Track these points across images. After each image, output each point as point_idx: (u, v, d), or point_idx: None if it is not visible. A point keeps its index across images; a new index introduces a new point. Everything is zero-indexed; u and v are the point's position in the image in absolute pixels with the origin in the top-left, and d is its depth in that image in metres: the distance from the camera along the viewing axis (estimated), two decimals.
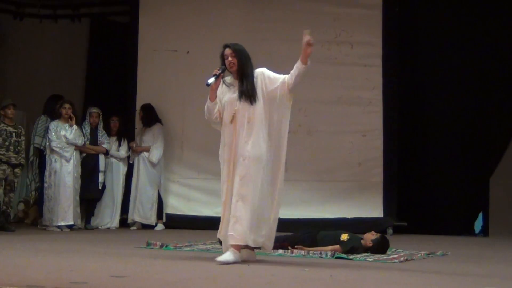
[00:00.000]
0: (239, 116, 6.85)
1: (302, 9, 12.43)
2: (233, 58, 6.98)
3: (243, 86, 6.91)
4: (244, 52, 7.08)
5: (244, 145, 6.80)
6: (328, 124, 12.26)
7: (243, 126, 6.84)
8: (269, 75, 7.03)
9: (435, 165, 12.29)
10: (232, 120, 6.88)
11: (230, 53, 7.00)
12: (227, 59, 7.00)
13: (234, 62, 6.97)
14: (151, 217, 12.13)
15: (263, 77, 7.00)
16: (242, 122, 6.84)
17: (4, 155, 10.70)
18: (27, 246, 8.38)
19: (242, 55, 7.04)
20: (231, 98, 6.95)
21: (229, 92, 7.01)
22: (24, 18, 14.21)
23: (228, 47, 7.05)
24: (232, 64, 6.98)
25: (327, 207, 12.00)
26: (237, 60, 6.97)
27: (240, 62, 6.97)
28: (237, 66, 6.98)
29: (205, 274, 5.91)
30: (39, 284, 4.97)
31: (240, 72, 6.99)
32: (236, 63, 6.97)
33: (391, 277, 6.18)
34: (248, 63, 7.03)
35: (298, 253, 7.94)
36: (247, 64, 7.01)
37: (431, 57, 12.43)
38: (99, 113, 12.07)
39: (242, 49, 7.08)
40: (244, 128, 6.83)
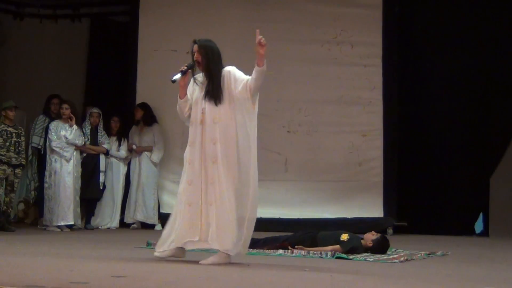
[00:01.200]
0: (207, 116, 6.66)
1: (303, 9, 12.44)
2: (198, 55, 6.77)
3: (209, 85, 6.71)
4: (212, 49, 6.84)
5: (212, 147, 6.61)
6: (328, 124, 12.26)
7: (210, 126, 6.64)
8: (235, 75, 6.74)
9: (436, 165, 12.29)
10: (202, 118, 6.68)
11: (197, 50, 6.80)
12: (194, 55, 6.81)
13: (200, 59, 6.77)
14: (154, 217, 12.15)
15: (229, 76, 6.73)
16: (210, 122, 6.65)
17: (4, 155, 10.70)
18: (27, 246, 8.37)
19: (209, 52, 6.80)
20: (198, 97, 6.76)
21: (198, 91, 6.81)
22: (24, 18, 14.22)
23: (195, 43, 6.87)
24: (197, 62, 6.78)
25: (327, 207, 12.00)
26: (202, 57, 6.76)
27: (206, 60, 6.75)
28: (203, 63, 6.77)
29: (206, 274, 5.91)
30: (39, 284, 4.97)
31: (206, 70, 6.78)
32: (201, 60, 6.77)
33: (391, 277, 6.18)
34: (216, 61, 6.79)
35: (298, 253, 7.94)
36: (214, 62, 6.78)
37: (431, 57, 12.44)
38: (99, 113, 12.07)
39: (210, 46, 6.85)
40: (211, 128, 6.63)
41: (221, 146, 6.60)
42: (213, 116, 6.65)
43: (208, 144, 6.63)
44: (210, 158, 6.61)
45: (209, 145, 6.63)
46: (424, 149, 12.39)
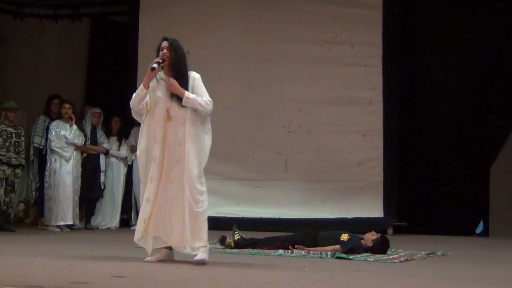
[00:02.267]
0: (173, 115, 6.68)
1: (303, 9, 12.44)
2: (168, 53, 6.79)
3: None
4: (180, 49, 6.89)
5: (178, 147, 6.62)
6: (328, 124, 12.26)
7: (176, 127, 6.66)
8: (198, 85, 6.80)
9: (435, 165, 12.29)
10: (167, 117, 6.68)
11: (167, 46, 6.83)
12: (162, 50, 6.82)
13: (169, 55, 6.78)
14: None
15: (194, 83, 6.78)
16: (176, 123, 6.66)
17: (4, 155, 10.71)
18: (28, 246, 8.38)
19: (179, 51, 6.86)
20: (164, 95, 6.75)
21: (160, 88, 6.81)
22: (25, 18, 14.20)
23: (166, 40, 6.90)
24: (166, 57, 6.78)
25: (327, 207, 12.00)
26: (172, 54, 6.80)
27: (175, 58, 6.80)
28: (171, 60, 6.80)
29: (206, 274, 5.91)
30: (40, 284, 4.98)
31: (173, 68, 6.80)
32: (170, 57, 6.79)
33: (391, 277, 6.18)
34: (183, 62, 6.86)
35: (298, 253, 7.94)
36: (184, 63, 6.85)
37: (431, 57, 12.43)
38: (101, 113, 12.09)
39: (179, 46, 6.90)
40: (178, 129, 6.65)
41: (187, 147, 6.63)
42: (180, 117, 6.67)
43: (174, 144, 6.66)
44: (175, 158, 6.64)
45: (174, 145, 6.65)
46: (424, 149, 12.39)
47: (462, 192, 12.19)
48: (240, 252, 8.02)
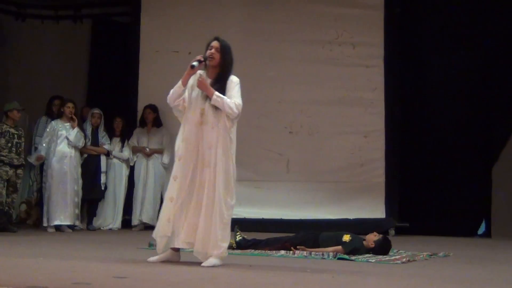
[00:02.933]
0: (207, 117, 6.61)
1: (304, 10, 12.44)
2: (216, 53, 6.73)
3: (214, 88, 6.66)
4: (230, 53, 6.82)
5: (208, 151, 6.55)
6: (329, 125, 12.26)
7: (209, 131, 6.59)
8: (233, 88, 6.70)
9: (437, 166, 12.27)
10: (201, 119, 6.63)
11: (216, 47, 6.76)
12: (210, 50, 6.76)
13: (216, 57, 6.72)
14: (154, 218, 12.11)
15: (229, 85, 6.70)
16: (208, 126, 6.59)
17: (6, 156, 10.71)
18: (29, 247, 8.39)
19: (227, 55, 6.79)
20: (200, 96, 6.70)
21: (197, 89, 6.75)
22: (26, 19, 14.22)
23: (217, 40, 6.84)
24: (211, 58, 6.72)
25: (329, 208, 11.99)
26: (220, 56, 6.74)
27: (222, 60, 6.74)
28: (217, 62, 6.74)
29: (208, 275, 5.91)
30: (42, 285, 4.98)
31: (218, 70, 6.76)
32: (217, 59, 6.73)
33: (393, 278, 6.18)
34: (229, 66, 6.79)
35: (300, 254, 7.94)
36: (228, 66, 6.78)
37: (432, 58, 12.43)
38: (101, 114, 12.09)
39: (229, 49, 6.82)
40: (209, 133, 6.58)
41: (217, 151, 6.56)
42: (213, 120, 6.60)
43: (204, 148, 6.58)
44: (205, 163, 6.56)
45: (204, 149, 6.58)
46: (425, 150, 12.38)
47: (464, 193, 12.18)
48: (242, 253, 8.02)
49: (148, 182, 12.18)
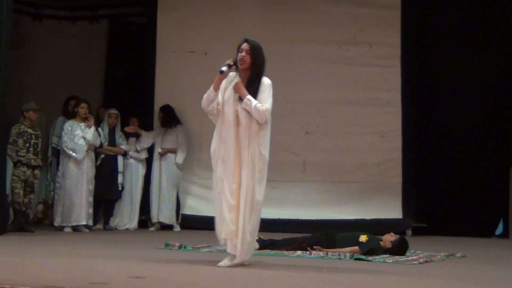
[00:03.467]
0: (241, 119, 6.63)
1: (320, 10, 12.43)
2: (247, 56, 6.72)
3: (247, 90, 6.66)
4: (261, 53, 6.80)
5: (243, 152, 6.59)
6: (346, 124, 12.24)
7: (244, 132, 6.62)
8: (264, 91, 6.72)
9: (454, 165, 12.22)
10: (235, 121, 6.64)
11: (246, 49, 6.74)
12: (241, 53, 6.73)
13: (247, 60, 6.71)
14: (172, 218, 12.14)
15: (261, 88, 6.71)
16: (243, 128, 6.61)
17: (24, 156, 10.75)
18: (46, 247, 8.41)
19: (258, 56, 6.77)
20: (232, 97, 6.70)
21: (231, 91, 6.73)
22: (43, 19, 14.28)
23: (246, 42, 6.81)
24: (242, 61, 6.70)
25: (345, 208, 11.97)
26: (250, 58, 6.72)
27: (253, 63, 6.73)
28: (249, 65, 6.72)
29: (224, 275, 5.91)
30: (58, 284, 4.99)
31: (249, 73, 6.74)
32: (248, 61, 6.71)
33: (410, 279, 6.16)
34: (261, 67, 6.77)
35: (316, 254, 7.92)
36: (259, 68, 6.76)
37: (449, 57, 12.37)
38: (117, 115, 12.11)
39: (260, 50, 6.81)
40: (244, 134, 6.61)
41: (250, 153, 6.59)
42: (246, 122, 6.62)
43: (243, 149, 6.61)
44: (243, 163, 6.59)
45: (243, 150, 6.61)
46: (442, 150, 12.33)
47: (482, 193, 12.13)
48: (259, 253, 7.99)
49: (162, 182, 12.19)
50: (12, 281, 5.02)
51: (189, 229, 11.97)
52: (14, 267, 6.25)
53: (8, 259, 7.00)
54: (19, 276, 5.54)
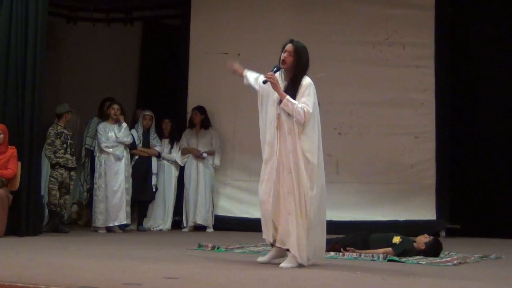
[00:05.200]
0: (282, 121, 6.60)
1: (354, 11, 12.40)
2: (289, 57, 6.69)
3: (288, 92, 6.61)
4: (304, 54, 6.74)
5: (286, 156, 6.53)
6: (379, 126, 12.20)
7: (285, 136, 6.57)
8: (303, 92, 6.61)
9: (489, 166, 12.13)
10: (277, 123, 6.62)
11: (290, 51, 6.70)
12: (284, 53, 6.71)
13: (288, 61, 6.68)
14: (208, 219, 12.16)
15: (301, 88, 6.63)
16: (284, 131, 6.57)
17: (62, 158, 10.84)
18: (81, 247, 8.47)
19: (302, 57, 6.71)
20: (275, 99, 6.67)
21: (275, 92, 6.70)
22: (78, 22, 14.37)
23: (291, 43, 6.76)
24: (283, 62, 6.69)
25: (378, 209, 11.93)
26: (293, 60, 6.68)
27: (296, 64, 6.68)
28: (290, 65, 6.69)
29: (257, 276, 5.91)
30: (93, 285, 5.02)
31: (292, 73, 6.71)
32: (289, 62, 6.68)
33: (444, 280, 6.13)
34: (303, 69, 6.70)
35: (349, 255, 7.91)
36: (301, 69, 6.70)
37: (484, 58, 12.28)
38: (152, 116, 12.17)
39: (303, 51, 6.74)
40: (286, 138, 6.55)
41: (293, 158, 6.52)
42: (287, 126, 6.57)
43: (285, 153, 6.56)
44: (286, 168, 6.55)
45: (285, 153, 6.56)
46: (477, 151, 12.23)
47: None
48: None
49: (199, 183, 12.21)
50: (47, 281, 5.07)
51: (221, 230, 12.00)
52: (49, 267, 6.30)
53: (43, 259, 7.06)
54: (54, 276, 5.58)
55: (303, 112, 6.49)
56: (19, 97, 9.91)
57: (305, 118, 6.51)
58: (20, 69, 9.94)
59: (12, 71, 9.94)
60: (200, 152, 12.17)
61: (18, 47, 9.97)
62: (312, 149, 6.55)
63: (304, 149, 6.52)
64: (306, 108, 6.51)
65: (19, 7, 10.00)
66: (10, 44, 9.99)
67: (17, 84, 9.91)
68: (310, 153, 6.53)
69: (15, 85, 9.91)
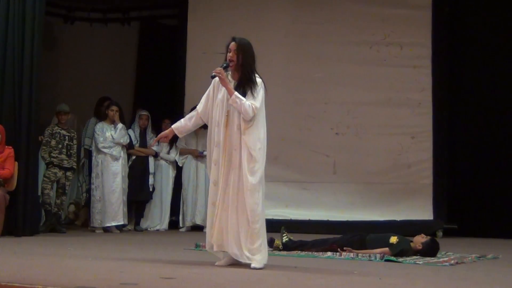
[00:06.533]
0: (230, 120, 6.55)
1: (351, 11, 12.41)
2: (234, 55, 6.62)
3: (237, 90, 6.56)
4: (249, 50, 6.67)
5: (234, 153, 6.46)
6: (376, 126, 12.21)
7: (233, 132, 6.50)
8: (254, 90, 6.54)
9: (486, 166, 12.14)
10: (226, 121, 6.56)
11: (234, 49, 6.64)
12: (229, 52, 6.65)
13: (234, 59, 6.62)
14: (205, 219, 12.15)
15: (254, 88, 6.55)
16: (233, 127, 6.51)
17: (56, 158, 10.84)
18: (78, 248, 8.46)
19: (246, 54, 6.64)
20: (226, 97, 6.62)
21: (222, 90, 6.69)
22: (75, 21, 14.37)
23: (234, 41, 6.71)
24: (231, 61, 6.63)
25: (376, 209, 11.94)
26: (237, 57, 6.61)
27: (242, 61, 6.61)
28: (237, 64, 6.63)
29: (253, 277, 5.91)
30: (90, 285, 5.02)
31: (240, 72, 6.64)
32: (235, 60, 6.62)
33: (441, 280, 6.13)
34: (251, 66, 6.63)
35: (347, 255, 7.91)
36: (248, 66, 6.62)
37: (481, 58, 12.29)
38: (148, 116, 12.16)
39: (248, 47, 6.68)
40: (234, 134, 6.49)
41: (242, 153, 6.47)
42: (237, 122, 6.52)
43: (230, 150, 6.51)
44: (232, 165, 6.48)
45: (231, 150, 6.51)
46: (474, 151, 12.25)
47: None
48: (288, 254, 8.02)
49: (199, 184, 12.20)
50: (44, 281, 5.07)
51: None
52: (46, 267, 6.30)
53: (40, 259, 7.06)
54: (51, 276, 5.59)
55: (251, 109, 6.45)
56: (16, 97, 9.90)
57: (252, 115, 6.46)
58: (17, 68, 9.94)
59: (9, 71, 9.93)
60: (200, 152, 12.17)
61: (15, 46, 9.96)
62: (256, 145, 6.48)
63: (249, 146, 6.45)
64: (254, 105, 6.47)
65: (16, 7, 10.00)
66: (7, 43, 9.98)
67: (14, 84, 9.91)
68: (255, 151, 6.45)
69: (12, 84, 9.91)
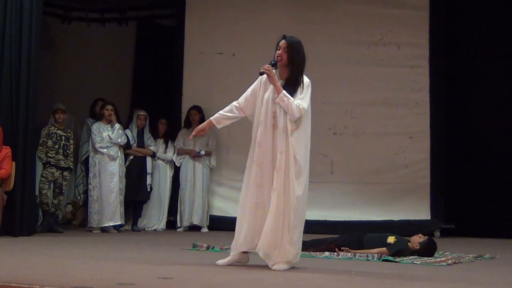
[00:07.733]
0: (278, 121, 6.41)
1: (349, 11, 12.42)
2: (284, 53, 6.52)
3: (285, 89, 6.44)
4: (299, 50, 6.57)
5: (279, 156, 6.33)
6: (374, 125, 12.21)
7: (281, 134, 6.37)
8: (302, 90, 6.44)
9: (483, 166, 12.16)
10: (273, 122, 6.43)
11: (284, 47, 6.54)
12: (278, 50, 6.55)
13: (284, 58, 6.51)
14: (203, 219, 12.16)
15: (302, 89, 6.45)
16: (281, 129, 6.38)
17: (53, 158, 10.85)
18: (75, 248, 8.45)
19: (297, 53, 6.54)
20: (269, 97, 6.50)
21: (270, 90, 6.53)
22: (72, 21, 14.36)
23: (284, 39, 6.63)
24: (279, 58, 6.52)
25: (373, 209, 11.95)
26: (288, 56, 6.52)
27: (291, 60, 6.51)
28: (285, 63, 6.53)
29: (252, 276, 5.91)
30: (87, 285, 5.02)
31: (288, 71, 6.54)
32: (285, 59, 6.52)
33: (438, 280, 6.13)
34: (300, 65, 6.52)
35: (344, 255, 7.91)
36: (298, 65, 6.52)
37: (478, 58, 12.31)
38: (146, 116, 12.15)
39: (298, 46, 6.59)
40: (281, 136, 6.36)
41: (287, 156, 6.33)
42: (283, 124, 6.38)
43: (276, 152, 6.37)
44: (277, 167, 6.35)
45: (276, 153, 6.37)
46: (471, 151, 12.26)
47: (510, 194, 12.02)
48: None
49: (196, 184, 12.20)
50: (41, 281, 5.06)
51: (216, 230, 11.98)
52: (43, 267, 6.30)
53: (38, 259, 7.05)
54: (48, 276, 5.58)
55: (297, 109, 6.34)
56: (14, 97, 9.90)
57: (299, 116, 6.36)
58: (14, 69, 9.93)
59: (6, 71, 9.93)
60: (197, 151, 12.16)
61: (12, 46, 9.96)
62: (301, 149, 6.39)
63: (295, 149, 6.36)
64: (301, 106, 6.37)
65: (13, 7, 9.99)
66: (4, 43, 9.97)
67: (12, 84, 9.90)
68: (300, 155, 6.36)
69: (9, 85, 9.90)
